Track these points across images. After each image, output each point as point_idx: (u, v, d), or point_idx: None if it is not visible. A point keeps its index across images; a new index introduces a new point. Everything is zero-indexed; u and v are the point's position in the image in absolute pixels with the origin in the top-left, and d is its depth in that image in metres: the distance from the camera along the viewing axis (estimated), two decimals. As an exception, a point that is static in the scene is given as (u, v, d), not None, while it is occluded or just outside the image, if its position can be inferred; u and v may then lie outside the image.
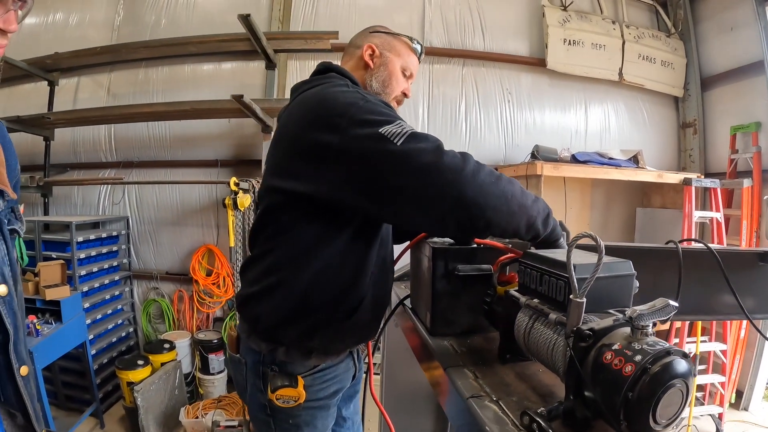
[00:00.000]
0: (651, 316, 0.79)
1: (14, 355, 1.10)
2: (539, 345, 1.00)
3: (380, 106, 1.30)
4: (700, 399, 4.63)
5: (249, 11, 4.08)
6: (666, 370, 0.73)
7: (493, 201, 1.16)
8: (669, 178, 4.58)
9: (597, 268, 0.83)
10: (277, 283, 1.44)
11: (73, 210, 5.22)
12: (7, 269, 1.11)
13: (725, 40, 5.04)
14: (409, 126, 1.23)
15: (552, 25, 4.99)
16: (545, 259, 1.02)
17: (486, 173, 1.18)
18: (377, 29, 1.74)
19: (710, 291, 1.99)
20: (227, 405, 4.23)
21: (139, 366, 4.12)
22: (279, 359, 1.46)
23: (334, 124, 1.25)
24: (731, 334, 4.50)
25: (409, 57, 1.72)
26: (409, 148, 1.17)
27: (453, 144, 4.86)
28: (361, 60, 1.68)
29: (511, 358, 1.19)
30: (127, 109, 4.55)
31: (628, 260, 1.00)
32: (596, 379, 0.79)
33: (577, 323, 0.84)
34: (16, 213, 1.22)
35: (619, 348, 0.78)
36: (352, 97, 1.31)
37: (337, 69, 1.60)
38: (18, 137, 4.85)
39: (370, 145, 1.20)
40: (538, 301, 1.03)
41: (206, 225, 4.97)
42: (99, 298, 4.56)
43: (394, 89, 1.69)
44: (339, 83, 1.46)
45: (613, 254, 2.11)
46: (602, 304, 0.93)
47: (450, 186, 1.14)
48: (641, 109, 5.41)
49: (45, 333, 3.48)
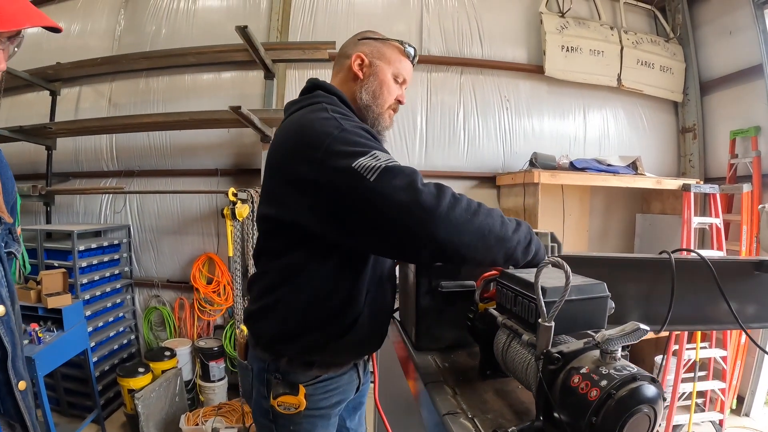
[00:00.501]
0: (620, 341, 0.80)
1: (12, 372, 1.14)
2: (515, 363, 1.01)
3: (355, 135, 1.29)
4: (700, 405, 4.62)
5: (248, 21, 4.12)
6: (631, 396, 0.74)
7: (468, 238, 1.16)
8: (668, 184, 4.58)
9: (564, 294, 0.84)
10: (275, 302, 1.49)
11: (75, 218, 5.25)
12: (4, 290, 1.15)
13: (724, 44, 5.04)
14: (385, 156, 1.22)
15: (550, 32, 4.99)
16: (519, 280, 1.04)
17: (462, 209, 1.16)
18: (366, 35, 1.70)
19: (705, 301, 1.99)
20: (227, 412, 4.25)
21: (140, 373, 4.15)
22: (282, 368, 1.50)
23: (310, 157, 1.26)
24: (731, 340, 4.48)
25: (400, 63, 1.66)
26: (382, 186, 1.16)
27: (452, 153, 4.91)
28: (350, 71, 1.64)
29: (491, 374, 1.21)
30: (128, 120, 4.59)
31: (602, 282, 1.01)
32: (564, 402, 0.81)
33: (545, 347, 0.86)
34: (13, 235, 1.24)
35: (586, 372, 0.80)
36: (327, 126, 1.31)
37: (324, 86, 1.60)
38: (20, 146, 4.91)
39: (344, 181, 1.20)
40: (514, 321, 1.05)
41: (206, 233, 5.00)
42: (101, 306, 4.58)
43: (386, 99, 1.64)
44: (319, 107, 1.45)
45: (606, 265, 2.13)
46: (576, 325, 0.95)
47: (422, 225, 1.13)
48: (640, 114, 5.41)
49: (47, 341, 3.50)
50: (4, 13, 0.96)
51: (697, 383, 4.43)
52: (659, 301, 1.91)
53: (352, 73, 1.64)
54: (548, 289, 0.91)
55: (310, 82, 1.64)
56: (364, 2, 5.05)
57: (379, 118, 1.64)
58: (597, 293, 0.99)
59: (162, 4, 5.18)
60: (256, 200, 4.14)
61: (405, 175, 1.17)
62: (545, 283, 0.92)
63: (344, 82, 1.66)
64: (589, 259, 2.15)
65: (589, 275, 1.10)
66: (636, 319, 2.12)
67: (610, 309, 1.02)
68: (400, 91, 1.69)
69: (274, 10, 4.93)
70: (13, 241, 1.23)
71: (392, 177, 1.16)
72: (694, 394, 4.43)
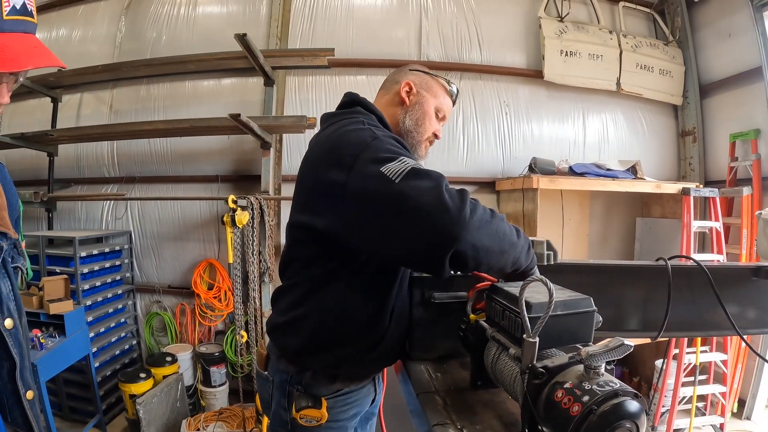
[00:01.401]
0: (604, 357, 0.81)
1: (21, 382, 1.18)
2: (504, 375, 1.03)
3: (387, 143, 1.30)
4: (701, 409, 4.62)
5: (248, 28, 4.15)
6: (613, 412, 0.75)
7: (488, 241, 1.16)
8: (667, 188, 4.57)
9: (548, 311, 0.85)
10: (303, 316, 1.49)
11: (77, 224, 5.28)
12: (12, 304, 1.18)
13: (723, 47, 5.03)
14: (414, 161, 1.22)
15: (549, 36, 5.00)
16: (506, 294, 1.05)
17: (481, 212, 1.16)
18: (416, 68, 1.75)
19: (703, 307, 2.00)
20: (228, 417, 4.26)
21: (141, 379, 4.18)
22: (305, 381, 1.50)
23: (343, 163, 1.27)
24: (732, 344, 4.48)
25: (444, 98, 1.71)
26: (407, 186, 1.15)
27: (451, 158, 4.92)
28: (397, 95, 1.68)
29: (482, 385, 1.22)
30: (128, 127, 4.62)
31: (588, 297, 1.02)
32: (548, 416, 0.82)
33: (530, 361, 0.87)
34: (18, 249, 1.27)
35: (570, 387, 0.81)
36: (363, 135, 1.33)
37: (363, 103, 1.61)
38: (22, 153, 4.94)
39: (372, 185, 1.20)
40: (502, 334, 1.06)
41: (207, 240, 5.02)
42: (102, 311, 4.60)
43: (426, 129, 1.68)
44: (356, 120, 1.46)
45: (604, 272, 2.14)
46: (563, 339, 0.96)
47: (448, 228, 1.11)
48: (640, 118, 5.41)
49: (49, 346, 3.53)
50: (8, 54, 0.97)
51: (698, 387, 4.44)
52: (657, 308, 1.92)
53: (399, 98, 1.68)
54: (533, 305, 0.92)
55: (348, 97, 1.64)
56: (363, 9, 5.05)
57: (417, 147, 1.67)
58: (583, 308, 1.00)
59: (162, 11, 5.21)
60: (256, 207, 4.16)
61: (431, 178, 1.16)
62: (531, 298, 0.93)
63: (389, 106, 1.69)
64: (586, 266, 2.16)
65: (586, 283, 1.12)
66: (634, 325, 2.14)
67: (597, 323, 1.03)
68: (438, 126, 1.73)
69: (274, 17, 4.94)
70: (19, 255, 1.26)
71: (419, 179, 1.16)
72: (694, 398, 4.43)
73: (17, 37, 1.00)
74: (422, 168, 1.18)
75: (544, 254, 1.84)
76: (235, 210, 4.02)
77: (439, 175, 1.18)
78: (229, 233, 4.17)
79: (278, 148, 4.80)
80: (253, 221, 4.15)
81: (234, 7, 5.14)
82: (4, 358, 1.14)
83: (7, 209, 1.19)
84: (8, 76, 1.05)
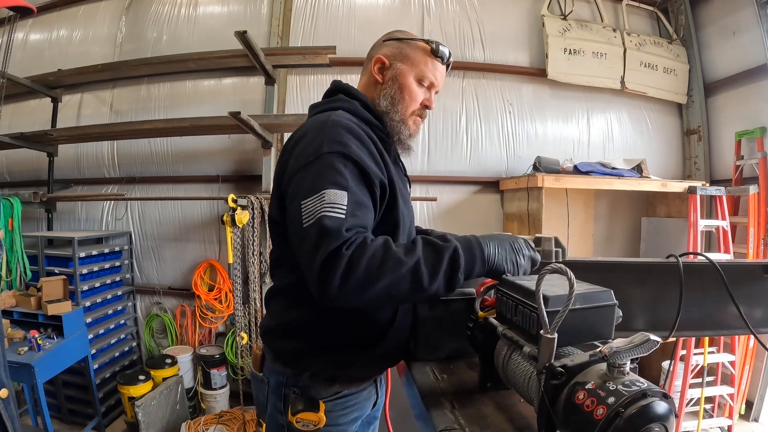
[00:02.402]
0: (628, 353, 0.76)
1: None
2: (516, 376, 0.97)
3: (331, 167, 1.26)
4: (709, 411, 4.56)
5: (249, 27, 4.11)
6: (641, 414, 0.70)
7: (369, 301, 1.17)
8: (673, 186, 4.52)
9: (568, 303, 0.80)
10: (297, 319, 1.45)
11: (77, 225, 5.25)
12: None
13: (728, 45, 5.00)
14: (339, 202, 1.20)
15: (552, 34, 4.95)
16: (519, 288, 1.00)
17: (358, 277, 1.12)
18: (392, 36, 1.60)
19: (714, 305, 1.96)
20: (229, 420, 4.22)
21: (140, 381, 4.14)
22: (302, 383, 1.44)
23: (292, 173, 1.31)
24: (740, 344, 4.42)
25: (426, 65, 1.54)
26: (308, 236, 1.18)
27: (455, 158, 4.90)
28: (372, 75, 1.57)
29: (491, 386, 1.16)
30: (129, 126, 4.59)
31: (608, 289, 0.96)
32: (568, 420, 0.77)
33: (548, 360, 0.81)
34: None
35: (592, 387, 0.75)
36: (311, 148, 1.30)
37: (346, 89, 1.57)
38: (22, 153, 4.94)
39: (293, 212, 1.25)
40: (515, 331, 1.01)
41: (208, 240, 4.97)
42: (101, 312, 4.57)
43: (407, 105, 1.54)
44: (323, 120, 1.39)
45: (612, 270, 2.09)
46: (581, 336, 0.90)
47: (316, 293, 1.16)
48: (644, 117, 5.36)
49: (47, 348, 3.49)
50: None
51: (706, 389, 4.39)
52: (666, 307, 1.87)
53: (373, 77, 1.57)
54: (551, 298, 0.87)
55: (333, 85, 1.60)
56: (364, 7, 5.03)
57: (401, 126, 1.54)
58: (603, 301, 0.94)
59: (163, 10, 5.19)
60: (257, 207, 4.10)
61: (326, 238, 1.15)
62: (547, 291, 0.88)
63: (367, 86, 1.60)
64: (594, 264, 2.11)
65: (594, 281, 1.05)
66: (643, 325, 2.08)
67: (617, 318, 0.97)
68: (427, 95, 1.58)
69: (275, 15, 4.91)
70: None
71: (315, 232, 1.16)
72: (702, 399, 4.38)
73: None
74: (327, 221, 1.16)
75: (552, 251, 1.79)
76: (235, 209, 3.97)
77: (335, 235, 1.15)
78: (229, 233, 4.12)
79: (279, 148, 4.75)
80: (254, 221, 4.10)
81: (235, 6, 5.11)
82: None
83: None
84: None
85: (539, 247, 1.80)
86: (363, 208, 1.24)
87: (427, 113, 1.62)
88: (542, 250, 1.79)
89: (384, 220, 1.39)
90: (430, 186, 4.97)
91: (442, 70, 1.58)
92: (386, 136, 1.54)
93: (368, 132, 1.44)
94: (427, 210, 4.97)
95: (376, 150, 1.37)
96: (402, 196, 1.47)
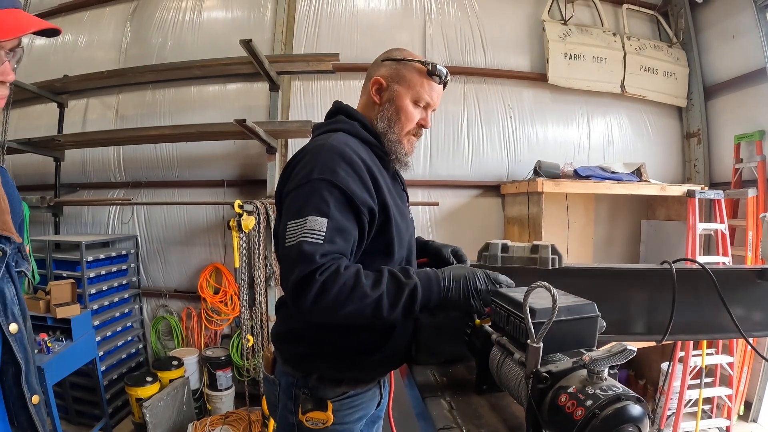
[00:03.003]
0: (606, 362, 0.82)
1: (26, 386, 1.18)
2: (509, 379, 1.04)
3: (317, 193, 1.36)
4: (707, 412, 4.60)
5: (253, 34, 4.16)
6: (616, 416, 0.76)
7: (338, 320, 1.34)
8: (672, 190, 4.56)
9: (551, 317, 0.86)
10: (302, 327, 1.54)
11: (84, 229, 5.31)
12: (17, 308, 1.19)
13: (727, 48, 5.02)
14: (318, 229, 1.31)
15: (552, 39, 5.00)
16: (510, 300, 1.06)
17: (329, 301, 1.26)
18: (389, 56, 1.63)
19: (709, 310, 2.01)
20: (234, 421, 4.27)
21: (147, 382, 4.19)
22: (311, 384, 1.52)
23: (288, 192, 1.44)
24: (738, 346, 4.46)
25: (422, 87, 1.56)
26: (287, 252, 1.33)
27: (456, 162, 4.97)
28: (370, 96, 1.61)
29: (487, 388, 1.23)
30: (134, 132, 4.66)
31: (592, 302, 1.03)
32: (552, 420, 0.83)
33: (535, 366, 0.88)
34: (22, 253, 1.28)
35: (573, 391, 0.82)
36: (305, 171, 1.40)
37: (346, 111, 1.63)
38: (29, 158, 4.99)
39: (281, 227, 1.40)
40: (507, 339, 1.07)
41: (213, 244, 5.03)
42: (109, 315, 4.62)
43: (403, 126, 1.58)
44: (322, 144, 1.47)
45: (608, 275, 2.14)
46: (566, 344, 0.97)
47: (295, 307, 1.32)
48: (644, 120, 5.40)
49: (56, 350, 3.54)
50: (7, 24, 1.01)
51: (704, 390, 4.42)
52: (662, 310, 1.93)
53: (372, 98, 1.61)
54: (537, 311, 0.93)
55: (334, 106, 1.66)
56: (367, 13, 5.08)
57: (397, 146, 1.59)
58: (587, 313, 1.01)
59: (168, 16, 5.24)
60: (262, 212, 4.17)
61: (302, 260, 1.28)
62: (535, 304, 0.94)
63: (366, 107, 1.65)
64: (590, 270, 2.17)
65: (591, 286, 1.13)
66: (639, 328, 2.14)
67: (601, 327, 1.04)
68: (423, 115, 1.61)
69: (279, 22, 4.96)
70: (23, 259, 1.27)
71: (294, 253, 1.30)
72: (700, 400, 4.42)
73: (10, 12, 1.04)
74: (305, 246, 1.29)
75: (549, 258, 1.86)
76: (241, 215, 4.04)
77: (310, 260, 1.28)
78: (235, 238, 4.19)
79: (284, 153, 4.81)
80: (259, 226, 4.17)
81: (239, 12, 5.16)
82: (9, 363, 1.15)
83: (9, 213, 1.20)
84: (8, 52, 1.08)
85: (536, 254, 1.87)
86: (343, 233, 1.34)
87: (422, 131, 1.66)
88: (539, 257, 1.86)
89: (376, 240, 1.47)
90: (432, 190, 5.01)
91: (438, 89, 1.61)
92: (385, 154, 1.61)
93: (367, 152, 1.52)
94: (429, 214, 5.01)
95: (369, 174, 1.44)
96: (400, 214, 1.55)
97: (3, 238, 1.13)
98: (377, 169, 1.50)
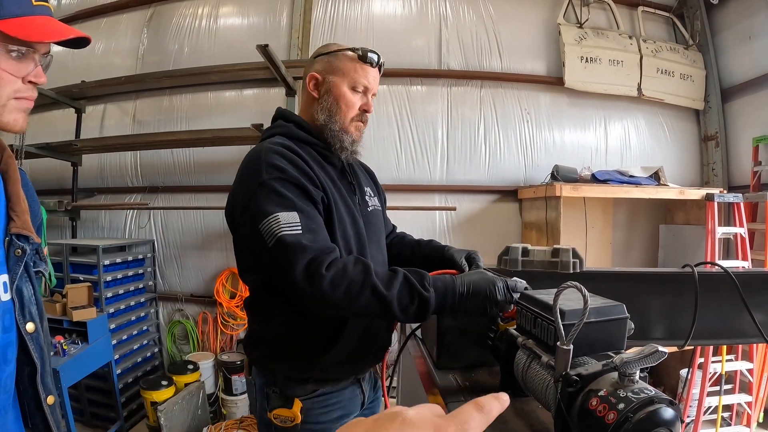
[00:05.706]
0: (638, 364, 0.80)
1: (41, 386, 1.17)
2: (535, 384, 1.02)
3: (274, 192, 1.38)
4: (726, 419, 4.53)
5: (269, 39, 4.18)
6: (649, 419, 0.75)
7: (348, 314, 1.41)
8: (691, 194, 4.51)
9: (582, 318, 0.85)
10: (260, 330, 1.61)
11: (101, 233, 5.36)
12: (34, 308, 1.19)
13: (744, 50, 4.97)
14: (292, 221, 1.33)
15: (568, 43, 4.98)
16: (538, 302, 1.05)
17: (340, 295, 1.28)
18: (320, 51, 1.66)
19: (730, 314, 1.98)
20: (249, 426, 4.26)
21: (163, 386, 4.20)
22: (279, 383, 1.56)
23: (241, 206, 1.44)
24: (758, 352, 4.39)
25: (356, 73, 1.58)
26: (273, 253, 1.33)
27: (473, 166, 4.95)
28: (308, 93, 1.64)
29: (511, 393, 1.20)
30: (152, 137, 4.70)
31: (621, 303, 1.01)
32: (582, 425, 0.82)
33: (564, 369, 0.86)
34: (40, 255, 1.28)
35: (604, 394, 0.80)
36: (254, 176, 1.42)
37: (284, 114, 1.67)
38: (47, 162, 5.04)
39: (254, 238, 1.39)
40: (533, 342, 1.06)
41: (230, 248, 4.96)
42: (125, 319, 4.66)
43: (344, 114, 1.59)
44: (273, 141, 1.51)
45: (629, 280, 2.12)
46: (595, 347, 0.95)
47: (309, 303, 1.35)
48: (661, 123, 5.35)
49: (72, 353, 3.59)
50: (43, 29, 1.02)
51: (723, 397, 4.36)
52: (683, 315, 1.90)
53: (310, 94, 1.63)
54: (567, 312, 0.92)
55: (276, 112, 1.71)
56: (383, 18, 5.09)
57: (342, 134, 1.60)
58: (616, 315, 0.99)
59: (184, 23, 5.30)
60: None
61: (295, 252, 1.30)
62: (564, 305, 0.93)
63: (306, 105, 1.67)
64: (611, 274, 2.15)
65: (611, 290, 1.11)
66: (660, 333, 2.11)
67: (629, 330, 1.02)
68: (365, 100, 1.62)
69: (295, 27, 5.00)
70: (41, 260, 1.27)
71: (282, 250, 1.31)
72: (720, 407, 4.35)
73: (47, 19, 1.06)
74: (288, 238, 1.31)
75: (570, 262, 1.84)
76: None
77: (301, 249, 1.30)
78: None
79: (300, 158, 4.81)
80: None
81: (255, 18, 5.20)
82: (25, 363, 1.14)
83: (29, 214, 1.21)
84: (43, 56, 1.09)
85: (556, 258, 1.86)
86: (315, 220, 1.39)
87: (368, 117, 1.67)
88: (560, 261, 1.85)
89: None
90: (449, 195, 5.00)
91: (374, 73, 1.63)
92: (328, 151, 1.62)
93: (307, 151, 1.55)
94: (446, 219, 5.00)
95: (310, 170, 1.47)
96: (345, 206, 1.58)
97: (22, 237, 1.14)
98: (316, 163, 1.54)
